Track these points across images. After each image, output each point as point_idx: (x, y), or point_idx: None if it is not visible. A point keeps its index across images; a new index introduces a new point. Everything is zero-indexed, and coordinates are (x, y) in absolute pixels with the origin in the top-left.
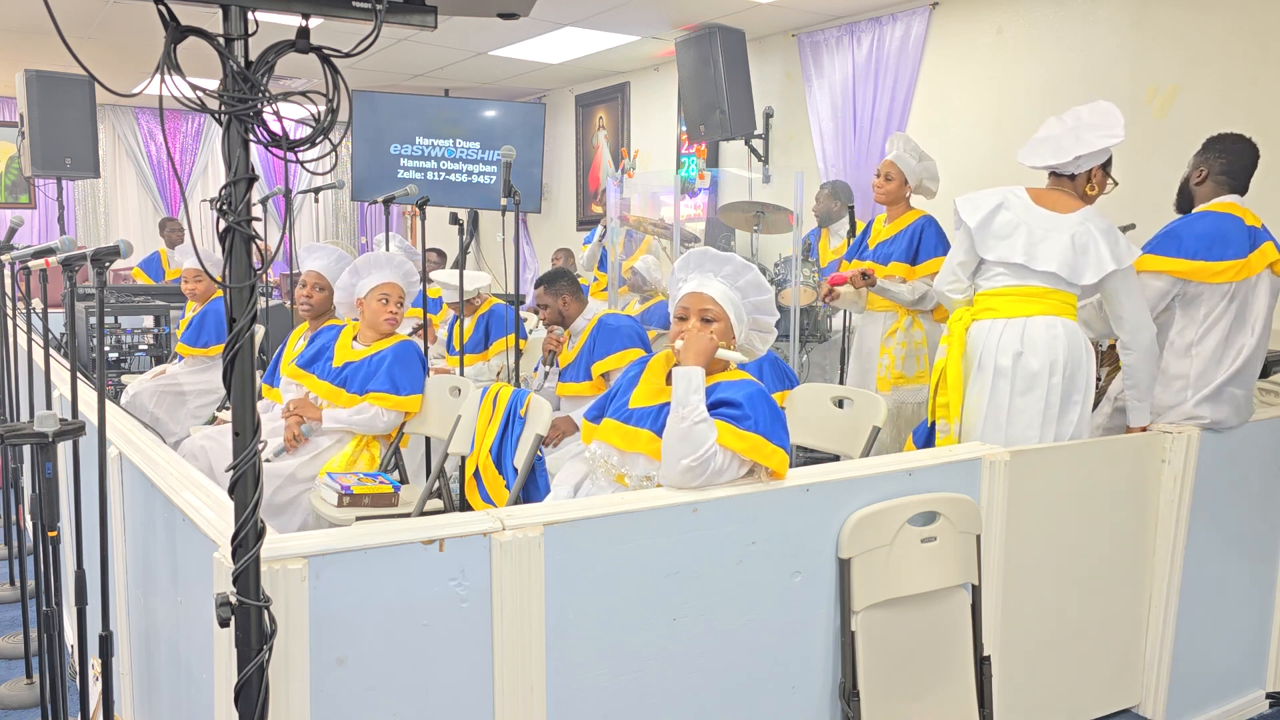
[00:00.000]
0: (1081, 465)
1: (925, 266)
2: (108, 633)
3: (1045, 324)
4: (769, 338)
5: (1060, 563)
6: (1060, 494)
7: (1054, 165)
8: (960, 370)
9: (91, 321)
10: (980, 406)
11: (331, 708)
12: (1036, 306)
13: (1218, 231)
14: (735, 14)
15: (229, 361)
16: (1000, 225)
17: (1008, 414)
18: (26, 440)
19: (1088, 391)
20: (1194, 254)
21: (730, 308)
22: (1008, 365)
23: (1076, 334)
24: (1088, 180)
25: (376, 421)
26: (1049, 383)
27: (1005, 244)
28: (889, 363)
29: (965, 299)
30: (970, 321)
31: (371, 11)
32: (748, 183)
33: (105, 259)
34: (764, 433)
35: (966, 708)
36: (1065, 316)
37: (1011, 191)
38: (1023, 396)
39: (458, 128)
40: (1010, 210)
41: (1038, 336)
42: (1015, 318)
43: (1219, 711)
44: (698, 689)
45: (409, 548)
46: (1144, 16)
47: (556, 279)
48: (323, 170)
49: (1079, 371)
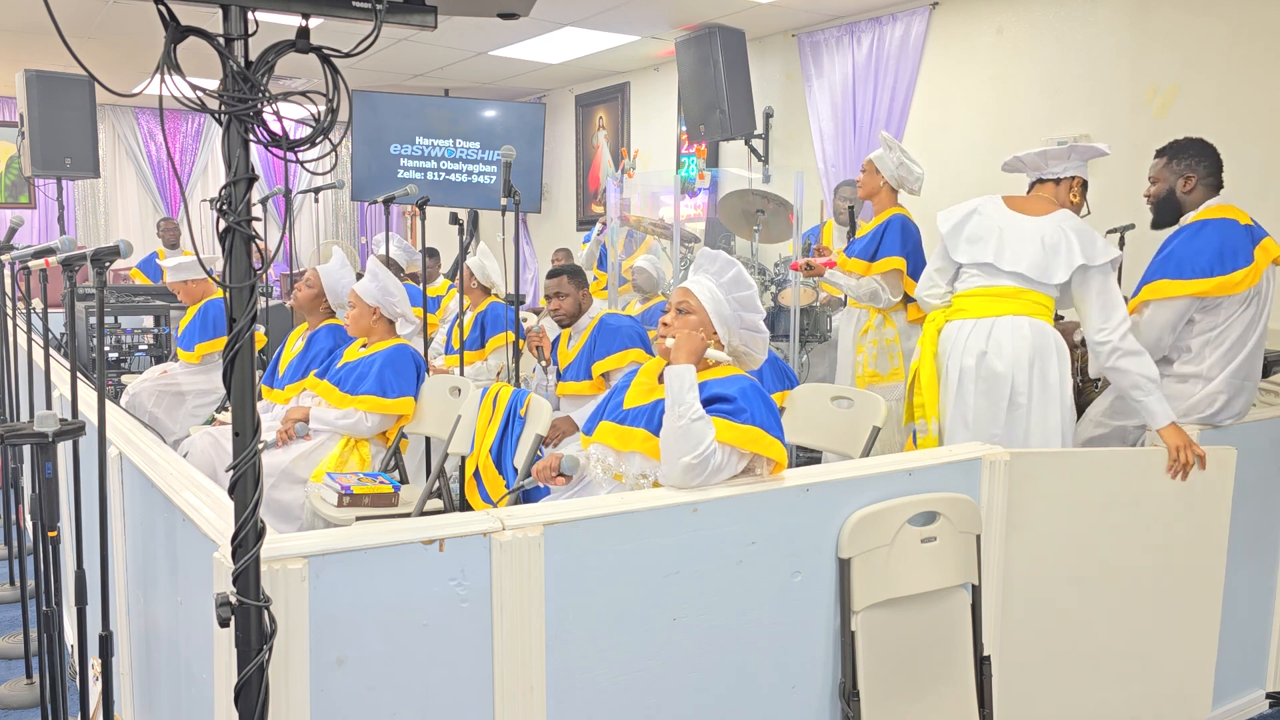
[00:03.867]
0: (1082, 466)
1: (880, 264)
2: (108, 633)
3: (1012, 324)
4: (759, 339)
5: (1060, 563)
6: (1061, 494)
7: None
8: (933, 371)
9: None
10: (946, 406)
11: (331, 708)
12: (1006, 306)
13: (1226, 242)
14: (735, 14)
15: (229, 361)
16: (972, 229)
17: (972, 414)
18: (26, 440)
19: (1063, 391)
20: (1210, 271)
21: (709, 301)
22: (971, 365)
23: (1045, 333)
24: (1069, 189)
25: (361, 426)
26: (1014, 383)
27: (977, 246)
28: (863, 360)
29: (944, 304)
30: (944, 322)
31: (371, 11)
32: (747, 183)
33: (105, 259)
34: (760, 424)
35: (966, 708)
36: (1036, 316)
37: (988, 199)
38: (985, 397)
39: (458, 128)
40: (983, 215)
41: (1003, 337)
42: (984, 318)
43: (1219, 711)
44: (698, 689)
45: (409, 548)
46: (1144, 17)
47: (577, 271)
48: (323, 170)
49: (1049, 371)
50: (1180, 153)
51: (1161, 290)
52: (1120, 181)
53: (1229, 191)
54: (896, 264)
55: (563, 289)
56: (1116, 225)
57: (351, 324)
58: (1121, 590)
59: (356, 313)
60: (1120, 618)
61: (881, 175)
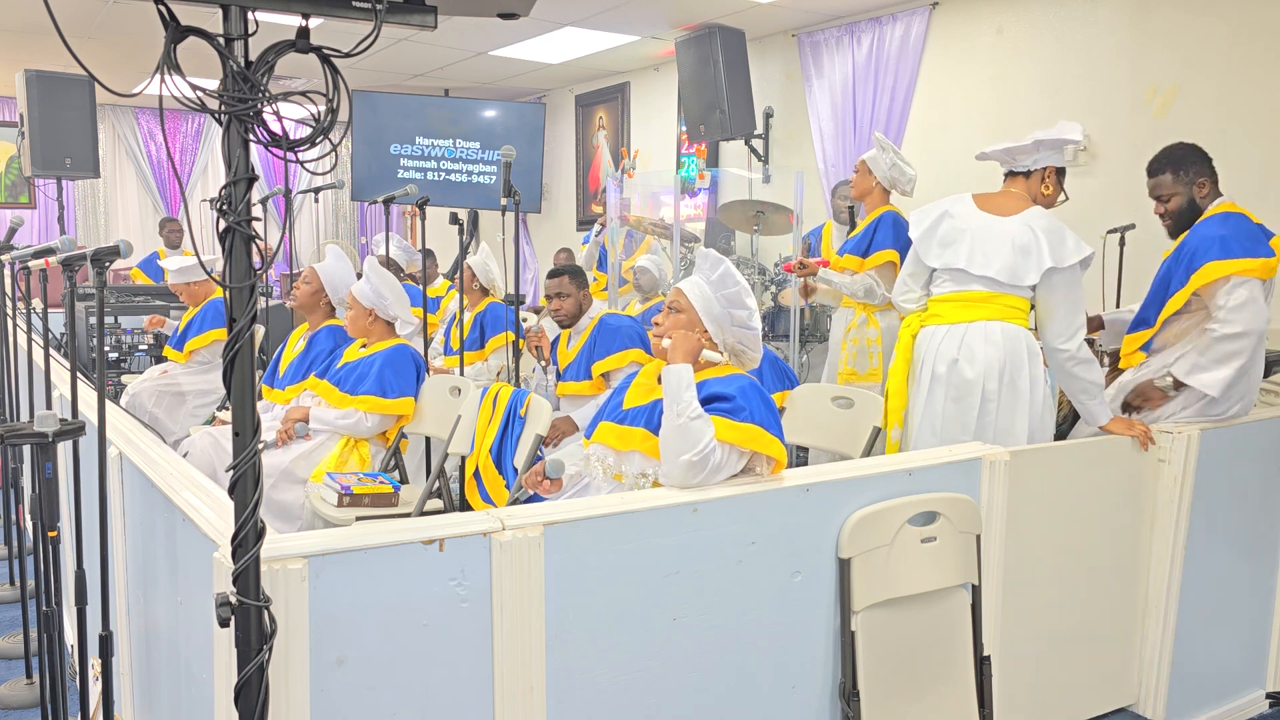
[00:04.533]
0: (1082, 465)
1: (874, 258)
2: (108, 633)
3: (984, 330)
4: (751, 334)
5: (1060, 563)
6: (1060, 494)
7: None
8: (903, 377)
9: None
10: (915, 412)
11: (331, 708)
12: (978, 312)
13: (1251, 230)
14: (735, 14)
15: (229, 361)
16: (944, 233)
17: (940, 420)
18: (26, 440)
19: (1033, 396)
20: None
21: (699, 300)
22: (943, 373)
23: (1017, 338)
24: (1041, 180)
25: (361, 426)
26: (984, 390)
27: (949, 251)
28: (845, 357)
29: (920, 308)
30: (919, 328)
31: (371, 11)
32: (748, 183)
33: (105, 259)
34: (760, 423)
35: (966, 708)
36: (1008, 320)
37: (957, 199)
38: (956, 404)
39: (458, 128)
40: (954, 218)
41: (975, 343)
42: (957, 324)
43: (1219, 711)
44: (698, 689)
45: (409, 548)
46: (1144, 17)
47: (579, 272)
48: (323, 170)
49: (1019, 377)
50: (1182, 163)
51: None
52: (1120, 181)
53: (1229, 191)
54: (889, 256)
55: (564, 289)
56: (1116, 225)
57: (350, 325)
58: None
59: (354, 314)
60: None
61: (874, 176)
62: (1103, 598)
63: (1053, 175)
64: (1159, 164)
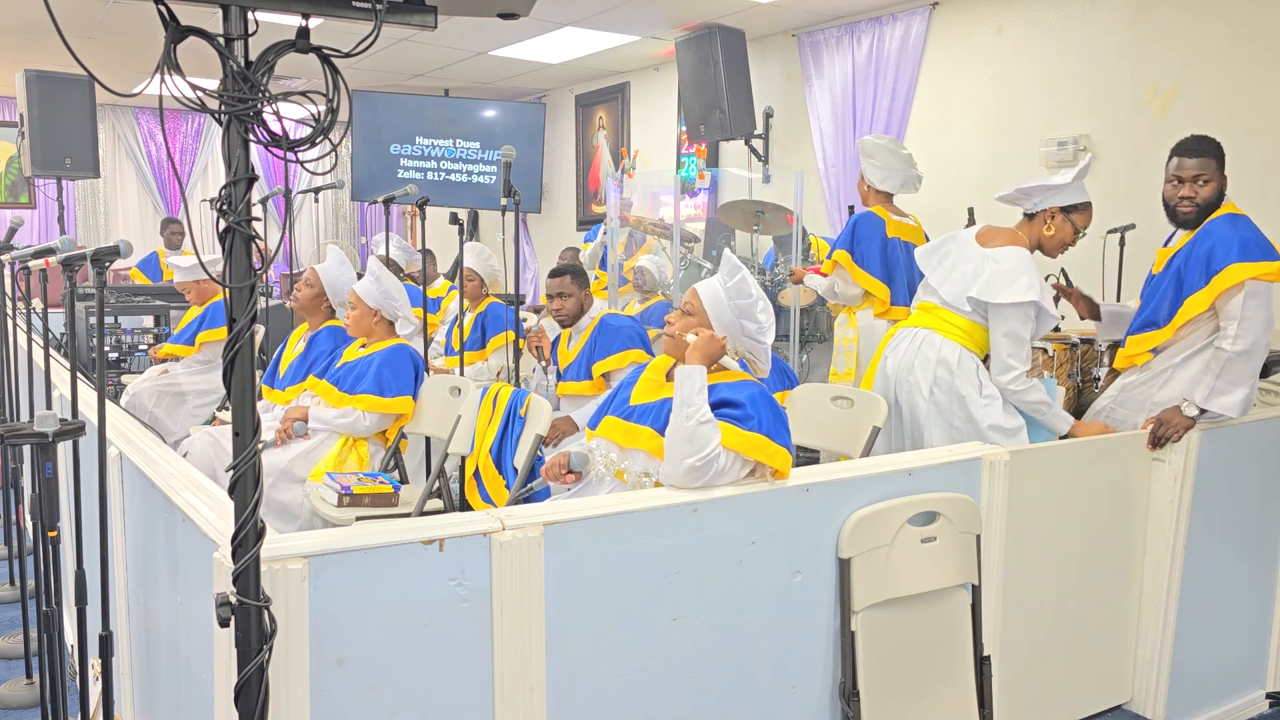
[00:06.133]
0: (1082, 465)
1: (829, 263)
2: (108, 633)
3: (925, 335)
4: (760, 349)
5: (1060, 562)
6: (1060, 494)
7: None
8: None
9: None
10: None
11: (331, 708)
12: (927, 320)
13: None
14: (735, 14)
15: (229, 361)
16: (941, 252)
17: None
18: (26, 440)
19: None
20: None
21: (711, 304)
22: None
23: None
24: (1044, 223)
25: (359, 425)
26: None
27: (929, 265)
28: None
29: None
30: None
31: (371, 11)
32: (748, 183)
33: (105, 259)
34: (767, 432)
35: (966, 708)
36: (949, 337)
37: (969, 230)
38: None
39: (458, 128)
40: (953, 242)
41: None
42: (908, 327)
43: (1219, 711)
44: (698, 689)
45: (409, 548)
46: (1144, 17)
47: (580, 271)
48: (323, 170)
49: (939, 392)
50: (1218, 152)
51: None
52: (1120, 181)
53: (1229, 191)
54: (837, 256)
55: (566, 289)
56: (1116, 225)
57: (352, 325)
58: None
59: (357, 314)
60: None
61: (865, 182)
62: (1103, 597)
63: (1056, 216)
64: (1205, 146)
